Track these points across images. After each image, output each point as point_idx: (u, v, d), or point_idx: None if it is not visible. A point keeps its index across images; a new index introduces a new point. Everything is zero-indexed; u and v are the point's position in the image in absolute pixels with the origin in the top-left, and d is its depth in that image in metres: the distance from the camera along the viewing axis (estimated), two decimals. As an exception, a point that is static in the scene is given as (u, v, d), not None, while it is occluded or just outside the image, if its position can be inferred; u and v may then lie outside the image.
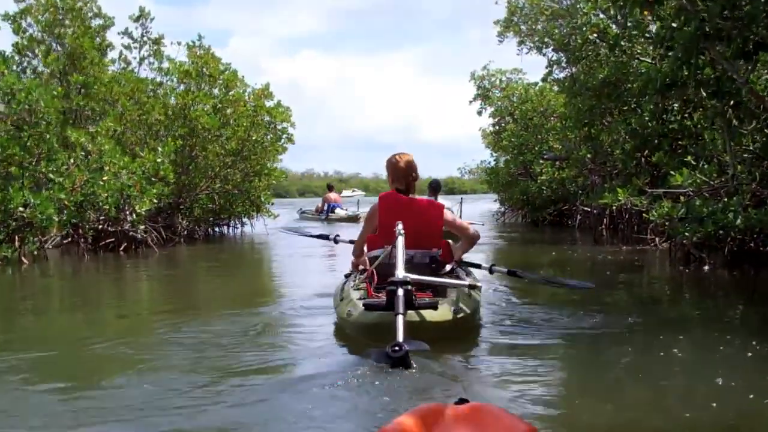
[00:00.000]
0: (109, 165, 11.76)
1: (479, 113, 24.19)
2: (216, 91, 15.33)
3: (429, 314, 4.54)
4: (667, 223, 8.95)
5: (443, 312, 4.63)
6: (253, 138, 15.74)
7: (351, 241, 6.61)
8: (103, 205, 11.70)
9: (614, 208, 12.47)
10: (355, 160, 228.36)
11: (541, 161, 19.90)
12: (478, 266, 6.27)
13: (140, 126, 14.09)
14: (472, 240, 5.90)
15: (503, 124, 23.61)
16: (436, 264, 5.50)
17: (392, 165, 5.65)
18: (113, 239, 13.29)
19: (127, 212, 12.62)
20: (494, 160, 25.71)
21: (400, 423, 2.17)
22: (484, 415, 2.26)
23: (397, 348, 3.84)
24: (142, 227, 12.97)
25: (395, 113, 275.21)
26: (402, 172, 5.61)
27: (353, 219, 22.87)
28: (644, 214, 10.66)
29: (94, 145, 11.60)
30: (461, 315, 4.79)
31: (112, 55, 15.95)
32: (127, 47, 15.99)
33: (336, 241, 7.45)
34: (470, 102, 24.37)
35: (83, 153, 11.84)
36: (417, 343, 4.02)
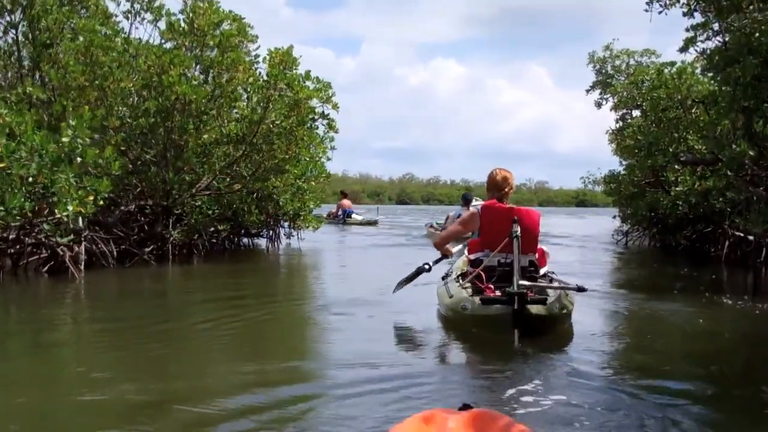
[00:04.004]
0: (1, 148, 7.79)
1: (598, 105, 19.30)
2: (213, 53, 11.08)
3: (538, 308, 5.28)
4: None
5: (551, 307, 5.42)
6: (272, 120, 11.41)
7: (441, 259, 6.76)
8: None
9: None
10: (484, 169, 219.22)
11: (676, 166, 14.81)
12: None
13: (98, 96, 10.07)
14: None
15: (628, 119, 18.49)
16: (534, 267, 6.10)
17: (490, 177, 6.37)
18: (46, 255, 9.42)
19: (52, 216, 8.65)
20: (624, 169, 20.47)
21: (401, 428, 2.23)
22: (486, 422, 2.24)
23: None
24: (65, 239, 8.96)
25: (527, 122, 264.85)
26: (497, 185, 6.27)
27: (372, 224, 26.11)
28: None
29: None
30: (564, 311, 5.68)
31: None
32: (115, -2, 12.04)
33: (430, 269, 6.77)
34: (587, 91, 19.54)
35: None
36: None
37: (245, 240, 15.14)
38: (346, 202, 27.58)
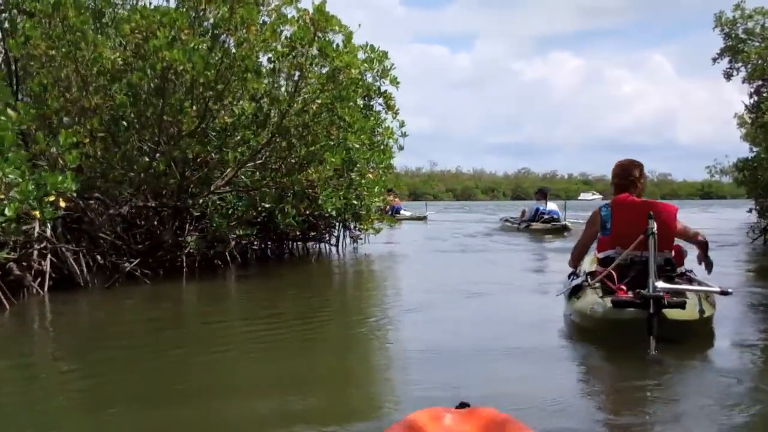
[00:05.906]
0: None
1: (727, 76, 16.10)
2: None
3: (676, 313, 4.80)
4: None
5: (690, 311, 4.96)
6: (305, 97, 9.08)
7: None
8: None
9: None
10: (602, 162, 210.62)
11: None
12: None
13: (74, 69, 7.99)
14: (701, 246, 6.00)
15: (764, 92, 15.29)
16: (670, 266, 5.56)
17: (615, 166, 5.97)
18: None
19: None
20: (761, 152, 17.00)
21: (399, 426, 2.18)
22: (484, 420, 2.21)
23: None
24: (6, 253, 6.87)
25: (647, 113, 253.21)
26: (620, 173, 5.85)
27: (421, 218, 28.75)
28: None
29: None
30: (706, 315, 5.17)
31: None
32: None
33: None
34: (714, 60, 16.40)
35: None
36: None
37: (295, 245, 12.97)
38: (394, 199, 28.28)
